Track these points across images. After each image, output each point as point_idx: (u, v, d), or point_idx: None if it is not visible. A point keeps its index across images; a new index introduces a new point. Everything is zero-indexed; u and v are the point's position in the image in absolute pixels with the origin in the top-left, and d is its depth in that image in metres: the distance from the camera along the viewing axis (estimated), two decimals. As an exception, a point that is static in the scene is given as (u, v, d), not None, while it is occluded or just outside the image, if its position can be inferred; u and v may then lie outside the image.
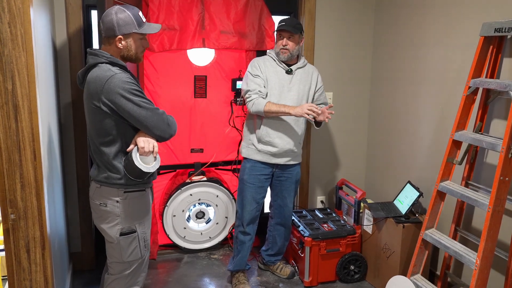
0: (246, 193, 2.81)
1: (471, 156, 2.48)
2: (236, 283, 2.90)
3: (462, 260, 2.23)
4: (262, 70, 2.73)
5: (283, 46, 2.69)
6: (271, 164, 2.80)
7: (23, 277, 1.82)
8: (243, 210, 2.83)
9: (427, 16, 2.85)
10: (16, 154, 1.72)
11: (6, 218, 1.77)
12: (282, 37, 2.70)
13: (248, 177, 2.80)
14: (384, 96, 3.38)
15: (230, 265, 2.96)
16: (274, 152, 2.75)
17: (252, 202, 2.82)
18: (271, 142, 2.73)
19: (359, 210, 3.05)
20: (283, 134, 2.74)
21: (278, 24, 2.71)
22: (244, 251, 2.90)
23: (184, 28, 3.05)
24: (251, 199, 2.81)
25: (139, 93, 1.86)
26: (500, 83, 2.19)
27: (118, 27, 1.89)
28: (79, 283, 2.95)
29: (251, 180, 2.80)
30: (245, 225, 2.85)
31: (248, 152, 2.81)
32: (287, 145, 2.76)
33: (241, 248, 2.89)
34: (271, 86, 2.71)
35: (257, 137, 2.76)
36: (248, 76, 2.75)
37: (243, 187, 2.82)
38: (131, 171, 1.90)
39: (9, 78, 1.67)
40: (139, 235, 2.02)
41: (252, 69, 2.75)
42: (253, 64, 2.77)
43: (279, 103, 2.68)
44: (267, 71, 2.73)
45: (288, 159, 2.81)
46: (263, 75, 2.72)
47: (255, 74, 2.72)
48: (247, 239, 2.88)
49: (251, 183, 2.80)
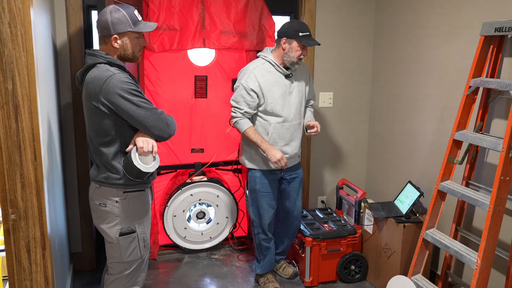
0: (262, 202, 2.78)
1: (472, 155, 2.48)
2: (266, 282, 2.91)
3: (462, 260, 2.23)
4: (260, 82, 2.59)
5: (304, 56, 2.62)
6: (280, 169, 2.77)
7: (24, 277, 1.82)
8: (262, 219, 2.81)
9: (427, 17, 2.85)
10: (17, 154, 1.72)
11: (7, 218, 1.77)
12: (305, 48, 2.60)
13: (261, 187, 2.75)
14: (384, 96, 3.38)
15: (258, 268, 2.94)
16: None
17: (269, 209, 2.80)
18: (280, 151, 2.66)
19: (360, 210, 3.05)
20: (290, 140, 2.73)
21: (300, 33, 2.56)
22: (271, 255, 2.91)
23: (184, 28, 3.05)
24: (267, 207, 2.79)
25: (137, 93, 1.86)
26: (500, 83, 2.19)
27: (112, 26, 1.89)
28: (80, 283, 2.95)
29: (264, 188, 2.76)
30: (267, 232, 2.84)
31: (255, 163, 2.74)
32: (294, 150, 2.76)
33: (267, 253, 2.89)
34: (273, 97, 2.63)
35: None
36: (241, 89, 2.60)
37: (257, 197, 2.77)
38: (130, 171, 1.90)
39: (9, 78, 1.67)
40: (139, 235, 2.02)
41: (247, 81, 2.59)
42: (249, 75, 2.60)
43: (284, 108, 2.65)
44: (266, 82, 2.61)
45: (292, 161, 2.81)
46: (260, 89, 2.60)
47: (250, 89, 2.58)
48: (271, 244, 2.89)
49: (265, 191, 2.77)
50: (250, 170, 2.79)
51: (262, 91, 2.61)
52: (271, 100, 2.63)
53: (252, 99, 2.61)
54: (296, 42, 2.58)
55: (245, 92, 2.60)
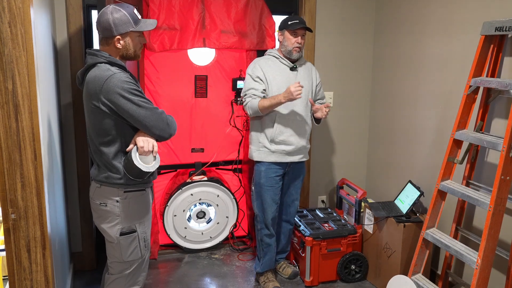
0: (266, 196, 2.79)
1: (472, 155, 2.48)
2: (266, 281, 2.91)
3: (463, 259, 2.23)
4: (265, 71, 2.70)
5: (298, 43, 2.67)
6: (285, 163, 2.79)
7: (24, 277, 1.82)
8: (265, 213, 2.82)
9: (428, 17, 2.85)
10: (17, 154, 1.72)
11: (7, 217, 1.77)
12: (297, 35, 2.66)
13: (266, 181, 2.77)
14: (385, 95, 3.38)
15: (258, 267, 2.95)
16: (289, 151, 2.74)
17: (273, 204, 2.81)
18: (285, 141, 2.72)
19: (360, 210, 3.05)
20: (296, 131, 2.73)
21: (289, 21, 2.66)
22: (271, 253, 2.91)
23: (184, 28, 3.05)
24: (271, 201, 2.80)
25: (138, 92, 1.86)
26: (500, 82, 2.19)
27: (115, 27, 1.88)
28: (80, 283, 2.95)
29: (269, 182, 2.78)
30: (269, 227, 2.84)
31: (261, 155, 2.77)
32: (301, 142, 2.76)
33: (268, 250, 2.90)
34: (278, 85, 2.68)
35: (269, 137, 2.72)
36: (248, 78, 2.74)
37: (261, 191, 2.80)
38: (130, 171, 1.90)
39: (9, 77, 1.67)
40: (139, 235, 2.02)
41: (253, 70, 2.73)
42: (254, 65, 2.74)
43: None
44: (271, 71, 2.71)
45: (301, 156, 2.81)
46: (265, 77, 2.70)
47: (256, 76, 2.70)
48: (272, 241, 2.89)
49: (269, 185, 2.78)
50: (256, 164, 2.81)
51: (267, 79, 2.70)
52: (276, 88, 2.68)
53: (259, 84, 2.70)
54: (287, 32, 2.68)
55: (251, 80, 2.71)
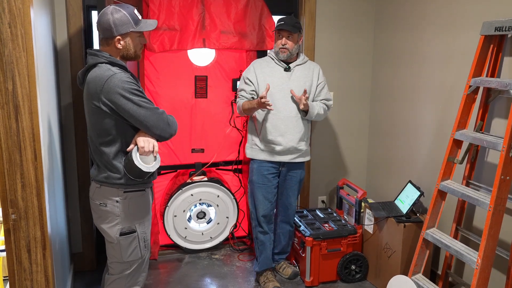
0: (257, 193, 2.84)
1: (472, 155, 2.48)
2: (265, 281, 2.91)
3: (463, 259, 2.23)
4: (257, 73, 2.77)
5: (282, 45, 2.71)
6: (277, 162, 2.82)
7: (24, 277, 1.82)
8: (257, 210, 2.87)
9: (428, 18, 2.85)
10: (17, 154, 1.72)
11: (7, 218, 1.77)
12: (281, 36, 2.72)
13: (257, 178, 2.83)
14: (385, 95, 3.38)
15: (256, 266, 2.97)
16: (278, 150, 2.77)
17: (264, 201, 2.85)
18: (273, 141, 2.76)
19: (360, 210, 3.05)
20: (285, 132, 2.75)
21: (277, 23, 2.73)
22: (267, 251, 2.93)
23: (184, 28, 3.05)
24: (262, 198, 2.84)
25: (139, 92, 1.86)
26: (500, 82, 2.19)
27: (115, 28, 1.88)
28: (80, 284, 2.95)
29: (260, 180, 2.83)
30: (262, 224, 2.87)
31: (252, 153, 2.84)
32: (290, 143, 2.77)
33: (263, 248, 2.92)
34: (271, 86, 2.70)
35: (260, 136, 2.79)
36: (241, 79, 2.86)
37: (253, 188, 2.86)
38: (131, 171, 1.90)
39: (9, 78, 1.67)
40: (139, 235, 2.02)
41: (246, 72, 2.84)
42: (249, 67, 2.84)
43: (279, 99, 2.73)
44: (263, 72, 2.77)
45: (293, 156, 2.82)
46: (256, 78, 2.76)
47: (246, 78, 2.80)
48: (266, 238, 2.91)
49: (261, 183, 2.83)
50: (251, 161, 2.88)
51: (258, 80, 2.77)
52: (264, 89, 2.70)
53: (248, 85, 2.79)
54: (276, 32, 2.76)
55: (242, 81, 2.85)
